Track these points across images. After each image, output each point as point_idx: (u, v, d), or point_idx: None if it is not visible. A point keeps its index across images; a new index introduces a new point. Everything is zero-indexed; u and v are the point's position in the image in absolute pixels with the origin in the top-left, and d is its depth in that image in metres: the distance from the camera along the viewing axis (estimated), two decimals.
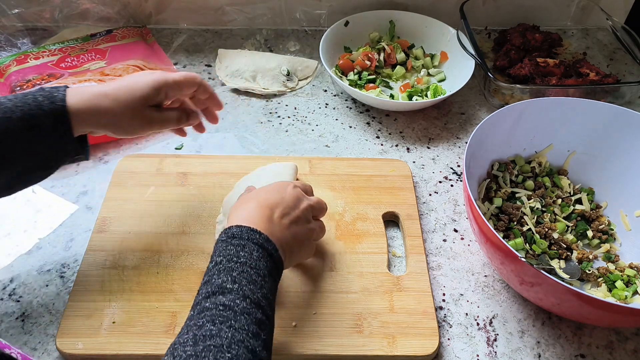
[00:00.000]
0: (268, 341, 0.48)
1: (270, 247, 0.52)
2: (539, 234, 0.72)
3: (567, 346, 0.63)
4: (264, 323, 0.48)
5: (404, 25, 1.02)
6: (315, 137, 0.88)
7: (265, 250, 0.52)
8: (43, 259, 0.69)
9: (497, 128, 0.73)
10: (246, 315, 0.46)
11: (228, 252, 0.51)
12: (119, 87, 0.59)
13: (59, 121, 0.56)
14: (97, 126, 0.59)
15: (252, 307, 0.47)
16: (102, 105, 0.58)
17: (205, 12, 1.05)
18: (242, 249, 0.51)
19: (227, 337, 0.44)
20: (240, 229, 0.52)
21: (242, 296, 0.47)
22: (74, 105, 0.56)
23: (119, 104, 0.58)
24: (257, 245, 0.52)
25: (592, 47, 1.06)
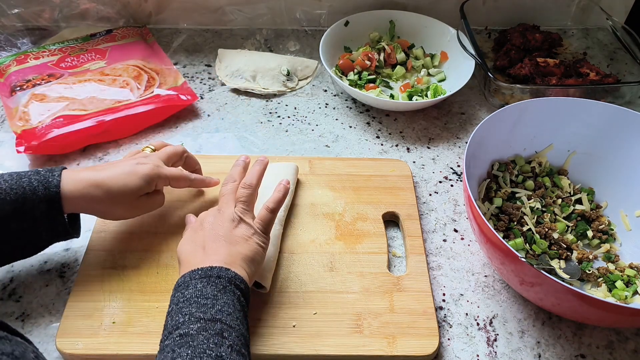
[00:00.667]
0: (237, 343, 0.49)
1: (214, 272, 0.54)
2: (539, 234, 0.72)
3: (567, 346, 0.63)
4: (226, 330, 0.49)
5: (404, 25, 1.02)
6: (315, 137, 0.87)
7: (209, 277, 0.53)
8: (43, 259, 0.69)
9: (497, 128, 0.73)
10: (203, 332, 0.48)
11: (176, 298, 0.53)
12: (113, 177, 0.61)
13: (51, 206, 0.58)
14: (87, 211, 0.62)
15: (207, 323, 0.49)
16: (95, 194, 0.60)
17: (205, 12, 1.05)
18: (186, 289, 0.53)
19: (188, 354, 0.46)
20: (183, 276, 0.54)
21: (194, 320, 0.49)
22: (68, 192, 0.59)
23: (109, 195, 0.61)
24: (200, 278, 0.53)
25: (592, 47, 1.06)
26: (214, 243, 0.57)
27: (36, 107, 0.84)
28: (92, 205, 0.61)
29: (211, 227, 0.59)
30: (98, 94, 0.87)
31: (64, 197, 0.58)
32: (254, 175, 0.64)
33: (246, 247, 0.58)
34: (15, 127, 0.82)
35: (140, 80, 0.90)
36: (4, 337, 0.41)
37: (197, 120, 0.89)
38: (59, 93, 0.86)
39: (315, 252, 0.69)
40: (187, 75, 0.97)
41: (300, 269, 0.67)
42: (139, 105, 0.85)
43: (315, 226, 0.72)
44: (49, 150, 0.80)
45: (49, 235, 0.60)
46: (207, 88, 0.95)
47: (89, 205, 0.61)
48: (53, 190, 0.58)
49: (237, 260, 0.56)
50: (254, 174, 0.64)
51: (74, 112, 0.83)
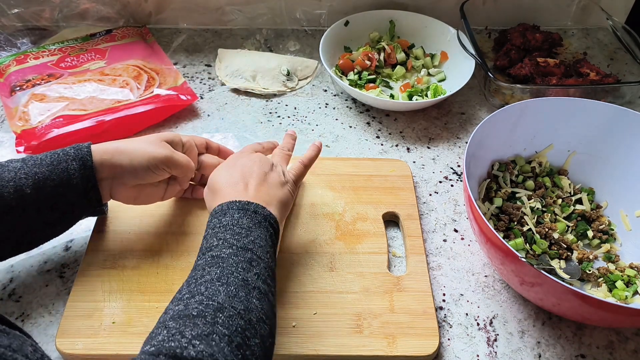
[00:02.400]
0: (263, 276, 0.52)
1: (251, 207, 0.56)
2: (539, 234, 0.71)
3: (567, 346, 0.63)
4: (255, 260, 0.52)
5: (404, 25, 1.02)
6: (315, 137, 0.87)
7: (246, 210, 0.56)
8: (43, 259, 0.69)
9: (497, 128, 0.73)
10: (234, 257, 0.51)
11: (212, 224, 0.55)
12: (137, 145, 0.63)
13: (84, 166, 0.59)
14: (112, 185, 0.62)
15: (239, 250, 0.52)
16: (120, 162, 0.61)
17: (205, 12, 1.05)
18: (223, 216, 0.55)
19: (217, 273, 0.49)
20: (221, 205, 0.57)
21: (228, 245, 0.52)
22: (97, 156, 0.60)
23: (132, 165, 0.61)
24: (237, 209, 0.56)
25: (593, 47, 1.06)
26: (253, 180, 0.60)
27: (36, 107, 0.84)
28: (116, 174, 0.61)
29: (250, 164, 0.62)
30: (98, 94, 0.87)
31: (95, 161, 0.59)
32: (290, 143, 0.71)
33: (281, 192, 0.61)
34: (15, 127, 0.82)
35: (140, 80, 0.90)
36: (2, 330, 0.41)
37: (197, 120, 0.89)
38: (59, 93, 0.86)
39: (315, 252, 0.69)
40: (187, 75, 0.97)
41: (300, 269, 0.67)
42: (139, 105, 0.85)
43: (315, 226, 0.72)
44: (49, 150, 0.80)
45: (83, 202, 0.60)
46: (207, 88, 0.95)
47: (113, 174, 0.61)
48: (84, 151, 0.59)
49: (273, 201, 0.59)
50: (290, 143, 0.71)
51: (74, 112, 0.83)
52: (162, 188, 0.67)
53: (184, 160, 0.65)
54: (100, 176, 0.60)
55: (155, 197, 0.67)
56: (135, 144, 0.63)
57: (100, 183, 0.61)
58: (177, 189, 0.69)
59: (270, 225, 0.57)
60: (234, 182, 0.60)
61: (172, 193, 0.69)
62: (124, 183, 0.62)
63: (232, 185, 0.59)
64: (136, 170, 0.61)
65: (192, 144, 0.69)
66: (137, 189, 0.64)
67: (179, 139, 0.67)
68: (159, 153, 0.62)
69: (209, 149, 0.72)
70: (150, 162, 0.62)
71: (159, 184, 0.67)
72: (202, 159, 0.70)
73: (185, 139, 0.68)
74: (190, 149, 0.68)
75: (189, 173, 0.67)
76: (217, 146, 0.73)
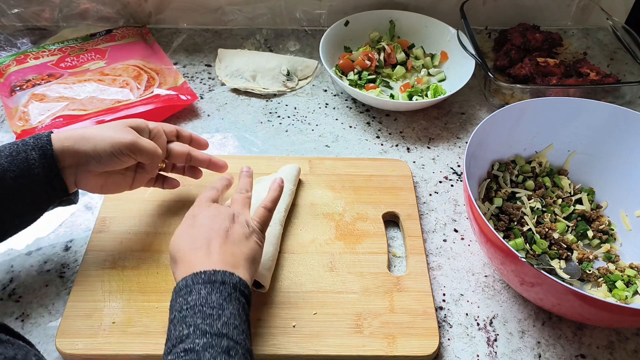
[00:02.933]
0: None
1: (218, 277, 0.51)
2: (539, 234, 0.71)
3: (567, 346, 0.63)
4: (233, 348, 0.47)
5: (404, 25, 1.02)
6: (315, 137, 0.87)
7: (213, 283, 0.51)
8: (43, 259, 0.69)
9: (497, 128, 0.73)
10: (210, 349, 0.46)
11: (178, 304, 0.50)
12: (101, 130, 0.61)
13: (44, 154, 0.57)
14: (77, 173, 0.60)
15: (214, 338, 0.47)
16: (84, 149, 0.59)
17: (205, 12, 1.05)
18: (189, 295, 0.50)
19: None
20: (185, 279, 0.52)
21: (200, 334, 0.47)
22: (58, 143, 0.58)
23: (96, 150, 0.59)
24: (204, 283, 0.51)
25: (593, 47, 1.06)
26: (215, 240, 0.55)
27: (36, 107, 0.84)
28: (80, 161, 0.59)
29: (209, 222, 0.57)
30: (98, 94, 0.87)
31: (55, 150, 0.57)
32: (247, 183, 0.66)
33: (247, 246, 0.57)
34: (15, 127, 0.82)
35: (140, 80, 0.90)
36: (6, 340, 0.41)
37: (197, 120, 0.89)
38: (59, 93, 0.86)
39: (315, 252, 0.69)
40: (187, 75, 0.97)
41: (300, 269, 0.67)
42: (139, 105, 0.85)
43: (315, 226, 0.72)
44: None
45: (47, 192, 0.59)
46: (207, 88, 0.95)
47: (77, 161, 0.59)
48: (44, 139, 0.57)
49: (240, 261, 0.55)
50: (248, 182, 0.66)
51: (74, 112, 0.83)
52: (130, 176, 0.65)
53: (150, 145, 0.63)
54: (63, 164, 0.58)
55: (122, 185, 0.65)
56: (99, 130, 0.61)
57: (63, 171, 0.59)
58: (145, 177, 0.67)
59: (241, 294, 0.52)
60: (194, 247, 0.55)
61: (140, 182, 0.67)
62: (88, 170, 0.60)
63: (193, 251, 0.55)
64: (100, 156, 0.59)
65: (160, 130, 0.66)
66: (103, 177, 0.62)
67: (145, 125, 0.65)
68: (124, 138, 0.60)
69: (180, 137, 0.70)
70: (115, 148, 0.59)
71: (126, 172, 0.65)
72: (172, 147, 0.68)
73: (153, 125, 0.66)
74: (158, 136, 0.66)
75: (156, 159, 0.64)
76: (189, 134, 0.71)
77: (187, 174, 0.72)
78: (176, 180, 0.72)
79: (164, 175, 0.72)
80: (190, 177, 0.73)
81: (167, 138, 0.68)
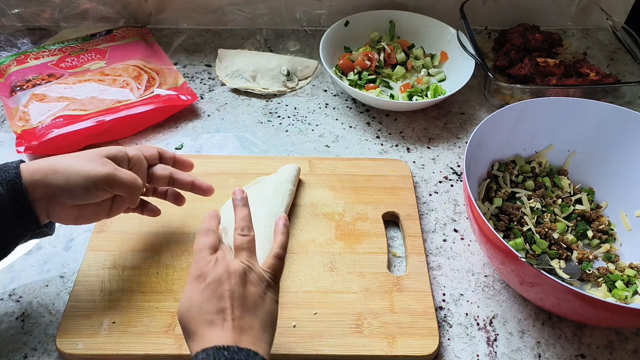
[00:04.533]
0: None
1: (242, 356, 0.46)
2: (539, 234, 0.72)
3: (567, 346, 0.63)
4: None
5: (404, 25, 1.02)
6: (315, 137, 0.87)
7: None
8: (43, 259, 0.69)
9: (497, 128, 0.73)
10: None
11: None
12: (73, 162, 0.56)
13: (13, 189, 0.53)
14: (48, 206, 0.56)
15: None
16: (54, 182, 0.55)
17: (205, 12, 1.05)
18: None
19: None
20: (206, 352, 0.46)
21: None
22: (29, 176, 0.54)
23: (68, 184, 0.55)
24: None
25: (592, 47, 1.06)
26: (230, 310, 0.50)
27: (36, 107, 0.84)
28: (51, 194, 0.55)
29: (220, 288, 0.51)
30: (98, 94, 0.87)
31: (25, 182, 0.53)
32: (246, 218, 0.58)
33: (264, 311, 0.51)
34: (15, 127, 0.82)
35: (140, 80, 0.90)
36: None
37: (197, 120, 0.89)
38: (59, 93, 0.86)
39: (315, 252, 0.69)
40: (187, 75, 0.97)
41: (300, 269, 0.67)
42: (139, 105, 0.85)
43: (315, 226, 0.72)
44: (49, 150, 0.80)
45: (17, 226, 0.55)
46: (207, 88, 0.95)
47: (48, 194, 0.55)
48: (12, 172, 0.53)
49: (259, 334, 0.50)
50: (247, 217, 0.58)
51: (74, 112, 0.83)
52: (107, 206, 0.60)
53: (129, 178, 0.58)
54: (34, 197, 0.54)
55: (99, 215, 0.61)
56: (72, 160, 0.56)
57: (34, 204, 0.54)
58: (124, 206, 0.62)
59: None
60: (208, 321, 0.49)
61: (119, 210, 0.62)
62: (61, 203, 0.56)
63: (207, 325, 0.49)
64: (73, 191, 0.55)
65: (140, 157, 0.61)
66: (77, 209, 0.58)
67: (124, 154, 0.59)
68: (99, 172, 0.55)
69: (163, 159, 0.65)
70: (89, 182, 0.55)
71: (103, 203, 0.60)
72: (153, 171, 0.63)
73: (132, 153, 0.60)
74: (139, 164, 0.61)
75: (136, 191, 0.59)
76: (172, 156, 0.66)
77: (169, 200, 0.68)
78: (157, 208, 0.68)
79: (144, 201, 0.67)
80: (172, 204, 0.68)
81: (148, 162, 0.63)
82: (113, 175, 0.56)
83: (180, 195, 0.68)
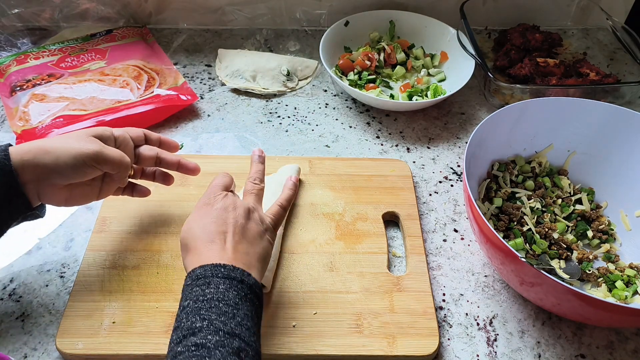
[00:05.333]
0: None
1: (237, 275, 0.51)
2: (539, 234, 0.72)
3: (567, 346, 0.63)
4: (244, 350, 0.46)
5: (404, 25, 1.02)
6: (315, 137, 0.87)
7: (232, 279, 0.50)
8: (43, 259, 0.69)
9: (497, 128, 0.73)
10: (221, 348, 0.45)
11: (194, 293, 0.49)
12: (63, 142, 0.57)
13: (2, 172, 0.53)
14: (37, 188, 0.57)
15: (226, 337, 0.46)
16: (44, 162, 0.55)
17: (205, 12, 1.05)
18: (207, 287, 0.49)
19: None
20: (203, 268, 0.51)
21: (214, 330, 0.46)
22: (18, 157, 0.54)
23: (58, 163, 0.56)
24: (222, 278, 0.50)
25: (592, 47, 1.06)
26: (230, 235, 0.54)
27: (36, 107, 0.84)
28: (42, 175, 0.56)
29: (225, 215, 0.56)
30: (98, 94, 0.87)
31: (14, 164, 0.54)
32: (260, 171, 0.64)
33: (260, 246, 0.56)
34: (15, 127, 0.82)
35: (140, 80, 0.90)
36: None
37: (197, 120, 0.89)
38: (59, 93, 0.86)
39: (315, 252, 0.69)
40: (187, 75, 0.97)
41: (300, 269, 0.67)
42: (139, 105, 0.85)
43: (315, 226, 0.72)
44: None
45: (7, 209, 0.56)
46: (207, 88, 0.95)
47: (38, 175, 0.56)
48: (2, 155, 0.54)
49: (254, 262, 0.54)
50: (260, 171, 0.64)
51: (74, 112, 0.83)
52: (97, 186, 0.62)
53: (116, 155, 0.59)
54: (24, 179, 0.55)
55: (89, 197, 0.62)
56: (60, 141, 0.57)
57: (24, 186, 0.55)
58: (113, 186, 0.64)
59: (255, 297, 0.51)
60: (209, 239, 0.54)
61: (108, 191, 0.64)
62: (51, 184, 0.57)
63: (208, 243, 0.53)
64: (62, 169, 0.56)
65: (127, 136, 0.63)
66: (67, 189, 0.59)
67: (110, 133, 0.61)
68: (87, 149, 0.56)
69: (149, 141, 0.66)
70: (78, 160, 0.56)
71: (93, 183, 0.61)
72: (140, 152, 0.64)
73: (118, 132, 0.62)
74: (125, 143, 0.62)
75: (124, 169, 0.60)
76: (158, 137, 0.67)
77: (158, 180, 0.69)
78: (146, 189, 0.69)
79: (133, 183, 0.68)
80: (161, 184, 0.69)
81: (134, 143, 0.64)
82: (101, 152, 0.57)
83: (168, 175, 0.70)
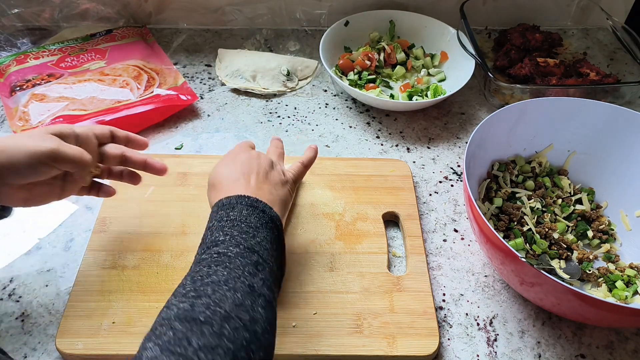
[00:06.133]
0: (268, 282, 0.50)
1: (260, 205, 0.56)
2: (539, 234, 0.72)
3: (567, 346, 0.63)
4: (261, 264, 0.51)
5: (404, 25, 1.02)
6: (315, 137, 0.87)
7: (254, 208, 0.55)
8: (43, 259, 0.69)
9: (497, 128, 0.73)
10: (240, 259, 0.50)
11: (219, 216, 0.55)
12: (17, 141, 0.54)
13: None
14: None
15: (246, 251, 0.51)
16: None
17: (205, 12, 1.05)
18: (231, 210, 0.55)
19: (224, 275, 0.48)
20: (229, 198, 0.56)
21: (235, 244, 0.51)
22: None
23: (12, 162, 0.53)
24: (246, 205, 0.55)
25: (592, 47, 1.06)
26: (254, 176, 0.60)
27: (36, 107, 0.84)
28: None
29: (249, 161, 0.62)
30: (98, 94, 0.87)
31: None
32: (279, 144, 0.71)
33: (282, 191, 0.62)
34: (15, 127, 0.82)
35: (140, 80, 0.90)
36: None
37: (197, 120, 0.89)
38: (59, 93, 0.86)
39: (315, 252, 0.69)
40: (187, 75, 0.97)
41: (300, 269, 0.67)
42: (139, 105, 0.85)
43: (315, 226, 0.72)
44: None
45: None
46: (207, 88, 0.95)
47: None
48: None
49: (276, 201, 0.59)
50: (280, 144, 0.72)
51: (74, 112, 0.83)
52: (58, 186, 0.59)
53: (75, 152, 0.56)
54: None
55: (50, 197, 0.60)
56: (15, 139, 0.54)
57: None
58: (76, 186, 0.61)
59: (275, 227, 0.56)
60: (235, 178, 0.60)
61: (71, 191, 0.61)
62: (7, 184, 0.54)
63: (234, 181, 0.59)
64: (17, 168, 0.53)
65: (89, 134, 0.60)
66: (26, 189, 0.56)
67: (71, 130, 0.58)
68: (42, 147, 0.53)
69: (115, 139, 0.63)
70: (33, 158, 0.53)
71: (53, 182, 0.59)
72: (105, 150, 0.61)
73: (80, 130, 0.59)
74: (87, 141, 0.59)
75: (83, 167, 0.57)
76: (125, 135, 0.64)
77: (125, 180, 0.67)
78: (112, 188, 0.67)
79: (99, 183, 0.66)
80: (128, 183, 0.67)
81: (99, 141, 0.61)
82: (57, 149, 0.54)
83: (135, 174, 0.67)
